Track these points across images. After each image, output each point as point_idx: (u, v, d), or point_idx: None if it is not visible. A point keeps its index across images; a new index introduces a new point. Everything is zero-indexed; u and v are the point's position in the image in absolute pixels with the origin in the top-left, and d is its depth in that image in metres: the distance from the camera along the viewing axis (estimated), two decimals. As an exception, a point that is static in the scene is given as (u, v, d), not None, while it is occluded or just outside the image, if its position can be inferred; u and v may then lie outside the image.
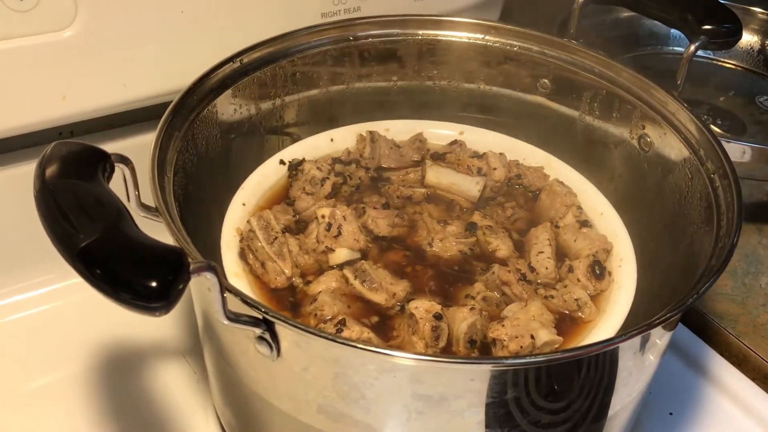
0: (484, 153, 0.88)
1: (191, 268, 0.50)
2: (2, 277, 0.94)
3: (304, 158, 0.86)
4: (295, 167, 0.85)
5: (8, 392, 0.85)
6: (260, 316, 0.57)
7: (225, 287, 0.55)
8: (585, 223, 0.82)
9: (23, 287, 0.95)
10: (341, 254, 0.76)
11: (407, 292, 0.73)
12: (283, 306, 0.72)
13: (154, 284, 0.48)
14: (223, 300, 0.54)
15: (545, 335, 0.67)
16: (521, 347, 0.66)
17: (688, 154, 0.78)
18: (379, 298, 0.72)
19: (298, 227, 0.80)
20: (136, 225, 0.53)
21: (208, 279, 0.52)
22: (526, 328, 0.67)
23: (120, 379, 0.87)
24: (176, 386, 0.87)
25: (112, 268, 0.49)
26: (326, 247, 0.76)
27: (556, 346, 0.68)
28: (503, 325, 0.67)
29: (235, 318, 0.56)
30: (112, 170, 0.60)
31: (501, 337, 0.67)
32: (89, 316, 0.91)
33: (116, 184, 0.63)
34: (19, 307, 0.94)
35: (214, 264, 0.53)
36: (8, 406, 0.84)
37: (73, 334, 0.91)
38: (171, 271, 0.49)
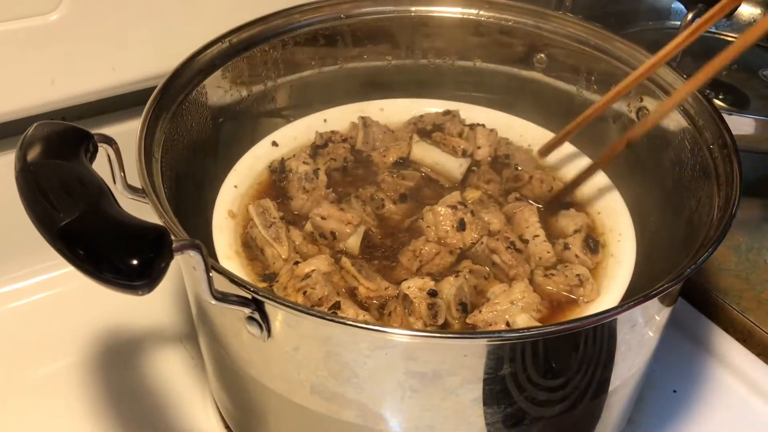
0: (476, 125, 0.86)
1: (174, 246, 0.49)
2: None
3: (282, 158, 0.83)
4: (280, 171, 0.82)
5: (7, 382, 0.85)
6: (249, 296, 0.56)
7: (210, 266, 0.53)
8: (565, 206, 0.81)
9: (18, 276, 0.95)
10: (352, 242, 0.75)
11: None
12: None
13: (135, 262, 0.47)
14: (209, 279, 0.53)
15: (522, 321, 0.66)
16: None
17: (686, 124, 0.76)
18: (370, 284, 0.70)
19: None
20: (118, 204, 0.52)
21: (192, 257, 0.51)
22: (502, 315, 0.66)
23: (118, 366, 0.87)
24: (174, 372, 0.86)
25: (92, 246, 0.48)
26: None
27: None
28: (480, 312, 0.67)
29: (222, 298, 0.55)
30: (96, 150, 0.59)
31: (477, 324, 0.66)
32: (86, 304, 0.90)
33: (103, 167, 0.63)
34: (16, 296, 0.94)
35: (198, 242, 0.51)
36: (7, 397, 0.83)
37: (70, 323, 0.90)
38: (153, 249, 0.48)
